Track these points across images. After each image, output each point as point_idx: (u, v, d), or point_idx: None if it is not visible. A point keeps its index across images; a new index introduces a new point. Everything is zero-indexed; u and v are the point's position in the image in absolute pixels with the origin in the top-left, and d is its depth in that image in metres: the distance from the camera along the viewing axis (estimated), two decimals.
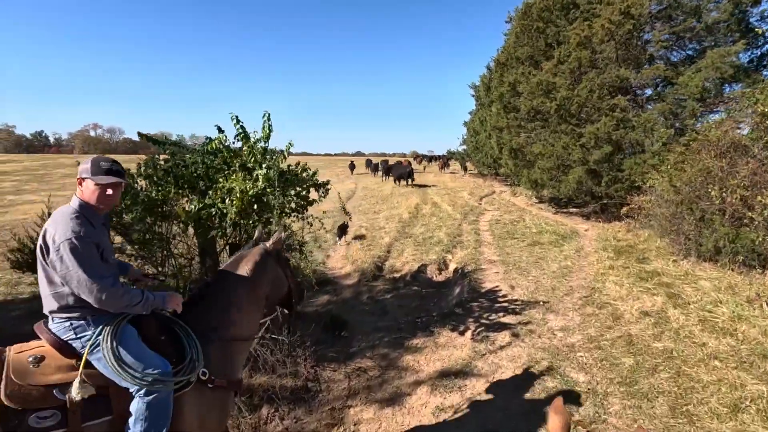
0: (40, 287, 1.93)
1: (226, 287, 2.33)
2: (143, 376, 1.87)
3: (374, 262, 7.36)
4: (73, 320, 1.91)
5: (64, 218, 1.86)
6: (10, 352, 1.88)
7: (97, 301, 1.83)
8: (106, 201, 1.98)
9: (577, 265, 6.85)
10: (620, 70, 9.07)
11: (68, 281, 1.82)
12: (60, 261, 1.80)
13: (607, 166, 9.43)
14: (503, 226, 10.04)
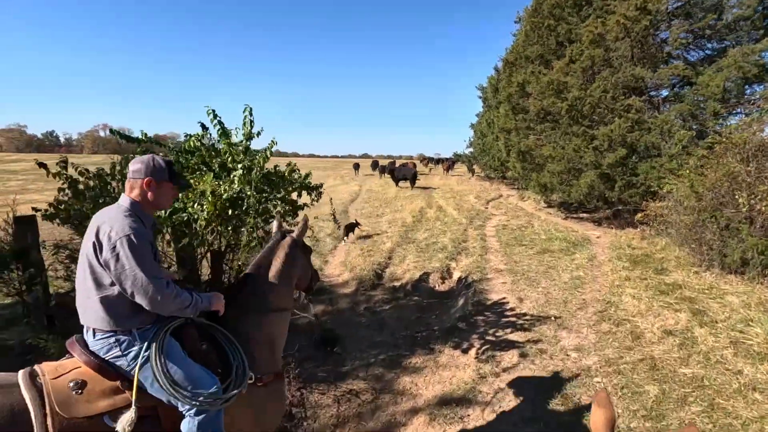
0: (81, 295, 1.80)
1: (263, 283, 2.31)
2: (193, 396, 1.77)
3: (374, 269, 6.96)
4: (119, 334, 1.77)
5: (118, 215, 1.79)
6: (46, 376, 1.69)
7: (152, 302, 1.73)
8: (169, 203, 2.09)
9: (590, 276, 6.40)
10: (636, 69, 8.62)
11: (123, 280, 1.71)
12: (116, 258, 1.70)
13: (620, 170, 8.98)
14: (510, 231, 9.60)
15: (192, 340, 1.95)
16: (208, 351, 1.98)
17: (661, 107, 9.34)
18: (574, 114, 9.49)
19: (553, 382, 3.62)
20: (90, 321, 1.78)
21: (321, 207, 12.50)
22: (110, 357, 1.77)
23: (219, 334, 2.05)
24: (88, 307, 1.77)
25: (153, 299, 1.73)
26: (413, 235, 9.62)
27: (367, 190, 20.86)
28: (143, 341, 1.79)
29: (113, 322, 1.75)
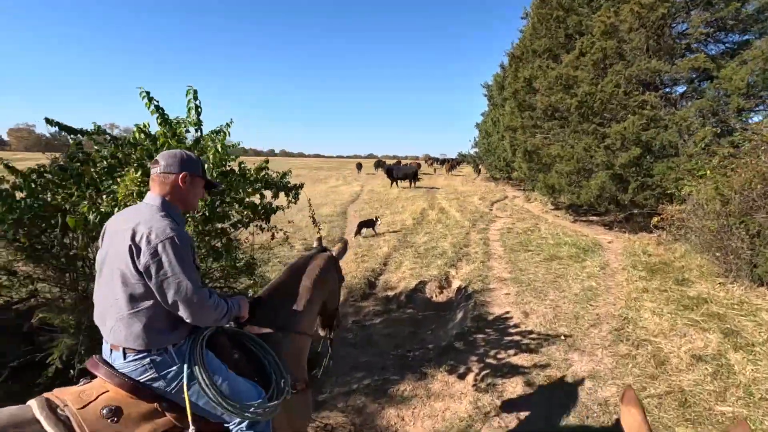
0: (107, 312, 1.58)
1: (293, 293, 2.20)
2: (244, 408, 1.68)
3: (366, 276, 6.42)
4: (154, 354, 1.59)
5: (154, 216, 1.60)
6: (70, 406, 1.46)
7: (195, 314, 1.59)
8: (198, 204, 1.93)
9: (603, 286, 5.81)
10: (652, 61, 8.00)
11: (165, 289, 1.53)
12: (158, 264, 1.52)
13: (634, 170, 8.36)
14: (516, 236, 9.01)
15: (225, 350, 1.84)
16: (241, 360, 1.87)
17: (678, 104, 8.71)
18: (584, 111, 8.89)
19: (565, 419, 3.05)
20: (120, 340, 1.56)
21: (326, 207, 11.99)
22: (145, 379, 1.59)
23: (249, 340, 1.94)
24: (117, 324, 1.56)
25: (197, 311, 1.59)
26: (412, 238, 9.06)
27: (369, 190, 20.32)
28: (181, 358, 1.64)
29: (149, 340, 1.57)
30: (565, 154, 9.32)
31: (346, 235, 9.81)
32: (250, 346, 1.93)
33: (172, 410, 1.62)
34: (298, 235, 9.39)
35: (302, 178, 22.01)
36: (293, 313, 2.16)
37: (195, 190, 1.78)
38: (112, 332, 1.58)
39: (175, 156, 1.73)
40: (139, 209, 1.68)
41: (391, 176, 21.10)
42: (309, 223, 10.52)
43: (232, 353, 1.86)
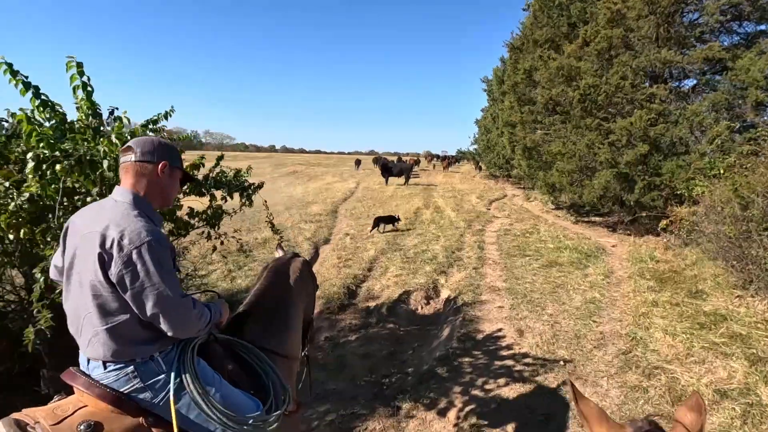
0: (82, 325, 1.39)
1: (278, 300, 2.09)
2: (241, 422, 1.52)
3: (347, 284, 5.84)
4: (138, 364, 1.41)
5: (126, 216, 1.38)
6: (43, 423, 1.29)
7: (176, 327, 1.40)
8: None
9: (607, 298, 5.24)
10: (662, 51, 7.38)
11: (143, 301, 1.34)
12: (132, 274, 1.31)
13: (641, 169, 7.77)
14: (513, 238, 8.43)
15: (219, 359, 1.69)
16: (236, 370, 1.73)
17: (689, 98, 8.10)
18: (588, 104, 8.28)
19: None
20: (99, 354, 1.40)
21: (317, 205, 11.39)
22: (129, 390, 1.42)
23: (244, 350, 1.79)
24: (94, 339, 1.39)
25: (180, 324, 1.42)
26: (402, 240, 8.48)
27: (364, 188, 19.71)
28: (169, 366, 1.48)
29: (131, 351, 1.41)
30: (567, 151, 8.72)
31: (333, 236, 9.24)
32: (244, 355, 1.78)
33: (159, 425, 1.45)
34: (280, 236, 8.83)
35: (298, 175, 21.59)
36: (284, 335, 2.04)
37: (173, 184, 1.60)
38: (89, 345, 1.41)
39: (153, 143, 1.53)
40: (106, 207, 1.45)
41: (386, 174, 20.47)
42: (294, 222, 9.95)
43: (226, 363, 1.71)
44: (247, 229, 9.52)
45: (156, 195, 1.53)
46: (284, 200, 14.82)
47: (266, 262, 2.46)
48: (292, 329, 2.10)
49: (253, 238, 8.68)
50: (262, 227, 9.77)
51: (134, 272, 1.32)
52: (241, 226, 10.00)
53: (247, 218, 11.02)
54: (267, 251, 7.78)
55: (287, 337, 2.05)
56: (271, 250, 7.86)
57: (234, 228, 9.70)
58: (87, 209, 1.53)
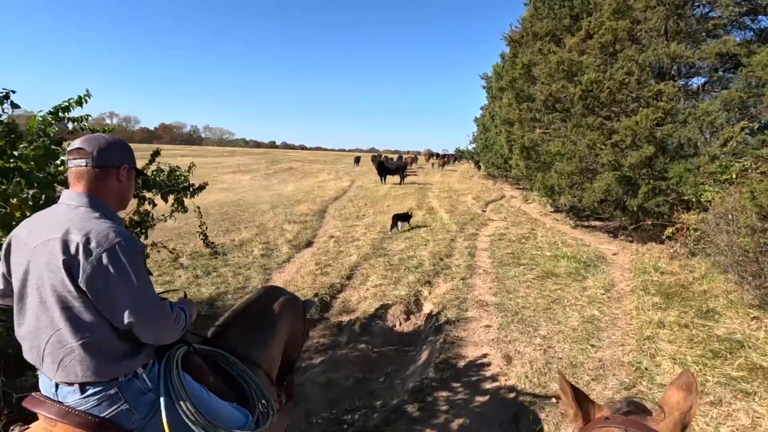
0: (44, 344, 1.24)
1: (261, 314, 2.06)
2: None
3: (321, 295, 5.30)
4: (121, 384, 1.28)
5: (87, 218, 1.27)
6: None
7: (156, 333, 1.32)
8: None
9: (608, 316, 4.70)
10: (671, 45, 6.82)
11: (118, 305, 1.23)
12: (104, 278, 1.20)
13: (645, 172, 7.21)
14: (508, 244, 7.88)
15: (202, 371, 1.59)
16: (218, 382, 1.64)
17: (699, 96, 7.54)
18: (589, 102, 7.72)
19: None
20: (75, 376, 1.23)
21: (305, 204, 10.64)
22: (112, 413, 1.27)
23: (224, 360, 1.74)
24: (67, 359, 1.22)
25: (159, 330, 1.32)
26: (389, 244, 7.93)
27: (358, 186, 19.16)
28: (155, 383, 1.37)
29: (112, 368, 1.26)
30: (567, 152, 8.17)
31: (317, 238, 8.69)
32: (225, 366, 1.74)
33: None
34: (260, 237, 8.29)
35: (293, 172, 20.90)
36: (263, 347, 2.00)
37: (131, 185, 1.49)
38: (60, 369, 1.23)
39: (109, 144, 1.39)
40: (58, 213, 1.30)
41: (383, 173, 19.91)
42: (277, 223, 9.37)
43: (208, 375, 1.62)
44: (225, 230, 8.98)
45: (114, 198, 1.41)
46: (272, 198, 14.28)
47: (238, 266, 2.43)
48: (272, 345, 2.06)
49: (230, 239, 8.14)
50: (241, 228, 9.24)
51: (106, 277, 1.21)
52: (220, 226, 9.47)
53: (227, 218, 10.48)
54: (243, 254, 7.25)
55: (267, 350, 2.00)
56: (247, 253, 7.32)
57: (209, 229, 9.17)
58: (31, 220, 1.36)
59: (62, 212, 1.30)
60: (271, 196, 15.15)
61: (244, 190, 17.24)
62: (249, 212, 11.31)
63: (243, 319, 2.01)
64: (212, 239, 8.33)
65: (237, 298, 5.27)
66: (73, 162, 1.34)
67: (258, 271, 6.33)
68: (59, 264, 1.20)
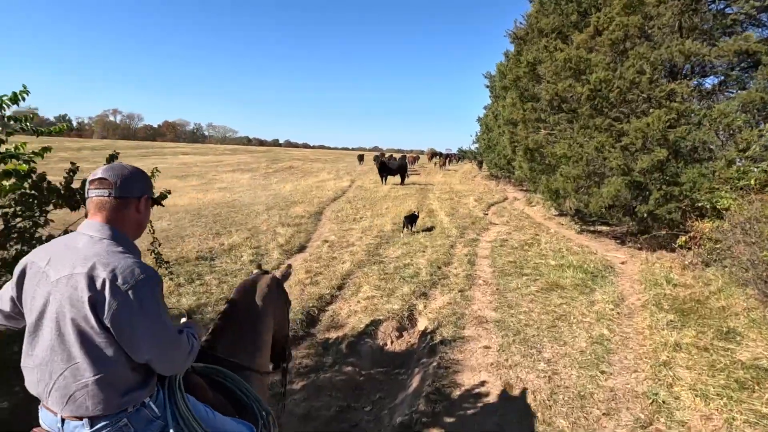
0: (56, 377, 1.24)
1: (246, 316, 2.07)
2: None
3: (309, 308, 4.93)
4: (130, 415, 1.30)
5: (111, 253, 1.27)
6: None
7: (174, 365, 1.37)
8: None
9: (618, 335, 4.31)
10: (686, 42, 6.40)
11: (141, 341, 1.25)
12: (129, 315, 1.22)
13: (658, 176, 6.80)
14: (510, 251, 7.49)
15: (202, 390, 1.61)
16: (218, 398, 1.67)
17: (715, 96, 7.13)
18: (598, 102, 7.32)
19: None
20: (86, 410, 1.24)
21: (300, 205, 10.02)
22: None
23: (220, 375, 1.75)
24: (79, 393, 1.23)
25: (176, 362, 1.36)
26: (385, 250, 7.56)
27: (357, 186, 18.79)
28: (162, 410, 1.38)
29: (121, 400, 1.27)
30: (573, 155, 7.76)
31: (310, 242, 8.33)
32: (221, 380, 1.74)
33: None
34: (251, 242, 7.93)
35: (293, 171, 20.50)
36: (254, 349, 2.02)
37: (149, 214, 1.49)
38: (69, 404, 1.24)
39: (132, 174, 1.40)
40: (80, 245, 1.28)
41: (384, 173, 19.51)
42: (270, 226, 9.00)
43: (208, 392, 1.63)
44: (215, 234, 8.63)
45: (133, 228, 1.42)
46: (268, 199, 13.93)
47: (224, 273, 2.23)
48: (262, 344, 2.10)
49: (219, 243, 7.78)
50: (232, 231, 8.88)
51: (130, 314, 1.22)
52: (211, 229, 9.12)
53: (219, 220, 10.13)
54: (231, 259, 6.89)
55: (257, 352, 2.05)
56: (236, 258, 6.96)
57: (199, 232, 8.81)
58: (48, 248, 1.35)
59: (85, 244, 1.29)
60: (267, 196, 14.80)
61: (242, 190, 16.90)
62: (243, 214, 10.96)
63: (230, 324, 1.98)
64: (201, 243, 8.03)
65: (218, 311, 4.92)
66: (95, 192, 1.35)
67: (230, 281, 5.97)
68: (84, 300, 1.20)
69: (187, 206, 12.48)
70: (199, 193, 15.66)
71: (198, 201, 13.82)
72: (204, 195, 15.28)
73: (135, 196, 1.40)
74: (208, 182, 19.98)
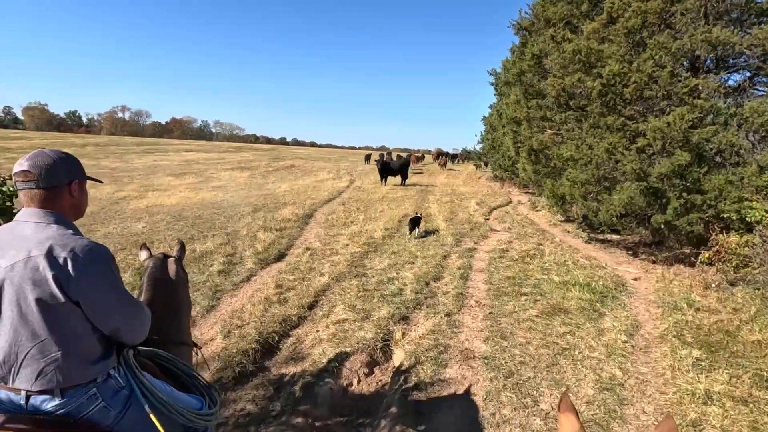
0: (22, 355, 1.31)
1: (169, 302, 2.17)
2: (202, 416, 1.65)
3: (268, 333, 4.22)
4: (98, 384, 1.40)
5: (63, 235, 1.36)
6: None
7: (138, 333, 1.52)
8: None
9: (633, 378, 3.55)
10: (713, 30, 5.60)
11: (109, 313, 1.39)
12: (96, 285, 1.34)
13: (679, 183, 6.01)
14: (509, 264, 6.74)
15: (152, 369, 1.69)
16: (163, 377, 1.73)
17: (745, 93, 6.31)
18: (610, 99, 6.53)
19: None
20: (52, 383, 1.32)
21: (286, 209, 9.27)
22: (90, 413, 1.38)
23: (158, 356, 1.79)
24: (48, 368, 1.31)
25: (140, 330, 1.52)
26: (371, 260, 6.83)
27: (356, 187, 18.06)
28: (126, 381, 1.49)
29: (91, 370, 1.38)
30: (581, 157, 6.98)
31: (291, 249, 7.63)
32: (161, 362, 1.79)
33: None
34: (226, 248, 7.24)
35: (294, 170, 19.75)
36: (179, 324, 2.18)
37: (85, 196, 1.55)
38: (40, 378, 1.31)
39: (55, 162, 1.42)
40: (28, 231, 1.34)
41: (385, 174, 18.77)
42: (251, 230, 8.32)
43: (158, 372, 1.72)
44: (188, 239, 7.95)
45: (70, 212, 1.47)
46: (259, 200, 13.26)
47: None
48: (185, 312, 2.31)
49: (190, 250, 7.10)
50: (208, 235, 8.21)
51: (98, 286, 1.33)
52: (186, 233, 8.46)
53: (199, 222, 9.47)
54: (199, 269, 6.21)
55: (184, 321, 2.25)
56: (204, 268, 6.28)
57: (172, 235, 8.13)
58: (11, 229, 1.37)
59: (34, 231, 1.34)
60: (259, 196, 14.14)
61: (236, 189, 16.28)
62: (226, 216, 10.29)
63: (155, 303, 2.03)
64: (171, 249, 7.36)
65: None
66: (23, 185, 1.38)
67: (206, 294, 5.28)
68: (48, 278, 1.27)
69: (173, 206, 11.86)
70: (191, 192, 15.06)
71: (187, 200, 13.19)
72: (195, 194, 14.67)
73: (64, 183, 1.43)
74: (205, 180, 19.40)
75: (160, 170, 23.29)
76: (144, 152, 39.21)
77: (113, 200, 12.78)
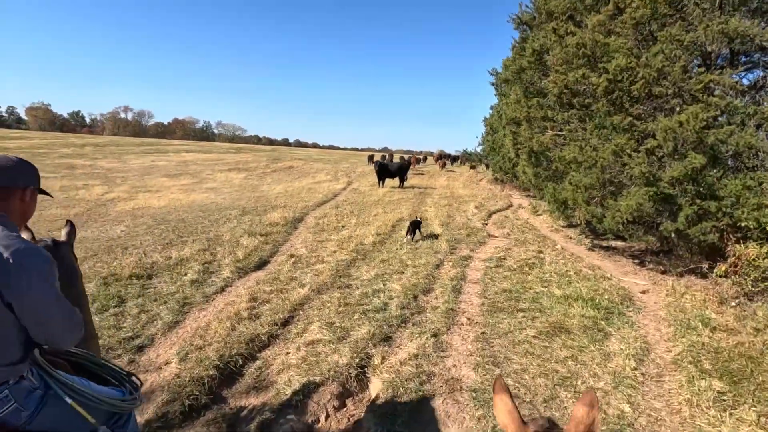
0: None
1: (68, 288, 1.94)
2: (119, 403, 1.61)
3: (230, 357, 3.74)
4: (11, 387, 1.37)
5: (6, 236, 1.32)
6: None
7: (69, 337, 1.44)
8: None
9: (645, 417, 3.06)
10: (731, 21, 5.11)
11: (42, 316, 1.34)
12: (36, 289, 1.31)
13: (691, 188, 5.51)
14: (507, 275, 6.25)
15: (65, 368, 1.64)
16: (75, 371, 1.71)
17: (763, 90, 5.81)
18: (617, 96, 6.04)
19: None
20: None
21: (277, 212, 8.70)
22: (2, 414, 1.35)
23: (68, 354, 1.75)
24: None
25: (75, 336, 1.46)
26: (357, 270, 6.35)
27: (352, 189, 17.60)
28: (39, 381, 1.46)
29: (6, 373, 1.35)
30: (585, 159, 6.49)
31: (274, 257, 7.15)
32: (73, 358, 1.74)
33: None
34: (204, 255, 6.77)
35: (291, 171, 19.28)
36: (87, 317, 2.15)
37: (34, 205, 1.56)
38: None
39: (15, 165, 1.46)
40: None
41: (383, 176, 18.29)
42: (235, 235, 7.85)
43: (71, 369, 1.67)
44: (167, 243, 7.49)
45: (17, 217, 1.46)
46: (250, 202, 12.81)
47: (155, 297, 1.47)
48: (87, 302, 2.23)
49: (165, 257, 6.63)
50: (188, 240, 7.74)
51: (39, 291, 1.30)
52: (165, 238, 8.00)
53: (181, 226, 9.01)
54: (171, 278, 5.75)
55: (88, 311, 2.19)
56: (177, 277, 5.81)
57: (150, 240, 7.67)
58: None
59: None
60: (251, 198, 13.69)
61: (230, 191, 15.84)
62: (211, 219, 9.83)
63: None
64: (145, 256, 6.89)
65: (121, 352, 3.76)
66: None
67: (172, 308, 4.80)
68: None
69: (160, 209, 11.41)
70: (182, 194, 14.61)
71: (176, 202, 12.74)
72: (187, 196, 14.22)
73: (19, 187, 1.45)
74: (199, 182, 18.96)
75: (156, 171, 22.87)
76: (143, 153, 38.83)
77: (101, 202, 12.34)
